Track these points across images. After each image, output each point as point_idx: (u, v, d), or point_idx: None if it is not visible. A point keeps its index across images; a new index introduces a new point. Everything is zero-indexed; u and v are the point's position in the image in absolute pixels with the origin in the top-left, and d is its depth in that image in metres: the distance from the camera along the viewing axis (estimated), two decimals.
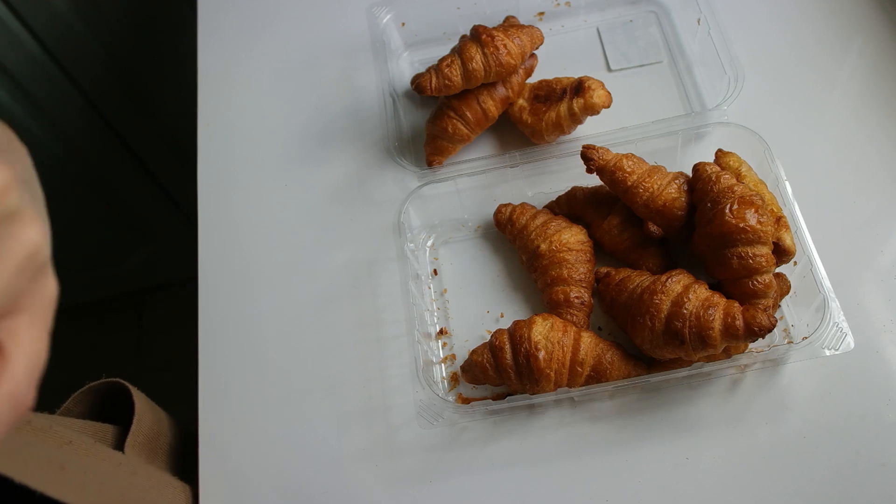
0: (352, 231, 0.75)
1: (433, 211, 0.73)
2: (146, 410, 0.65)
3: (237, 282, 0.75)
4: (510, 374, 0.61)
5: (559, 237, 0.66)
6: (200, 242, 0.77)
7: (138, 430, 0.62)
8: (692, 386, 0.63)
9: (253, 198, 0.79)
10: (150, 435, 0.64)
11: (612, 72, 0.79)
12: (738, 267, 0.58)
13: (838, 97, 0.74)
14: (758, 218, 0.58)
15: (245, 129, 0.82)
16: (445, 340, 0.69)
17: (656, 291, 0.59)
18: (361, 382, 0.68)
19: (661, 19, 0.82)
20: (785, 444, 0.60)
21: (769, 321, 0.56)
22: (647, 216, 0.65)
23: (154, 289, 1.76)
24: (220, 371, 0.70)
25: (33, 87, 1.15)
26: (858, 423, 0.60)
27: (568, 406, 0.64)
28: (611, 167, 0.64)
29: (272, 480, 0.65)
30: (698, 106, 0.75)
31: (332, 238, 0.75)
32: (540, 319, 0.62)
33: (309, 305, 0.73)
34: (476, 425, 0.64)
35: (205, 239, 0.77)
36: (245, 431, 0.68)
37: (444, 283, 0.72)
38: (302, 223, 0.77)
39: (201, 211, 0.79)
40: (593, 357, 0.61)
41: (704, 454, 0.61)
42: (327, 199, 0.77)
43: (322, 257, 0.74)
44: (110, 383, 0.65)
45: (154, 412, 0.67)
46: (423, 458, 0.64)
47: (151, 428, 0.65)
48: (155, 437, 0.65)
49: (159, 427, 0.66)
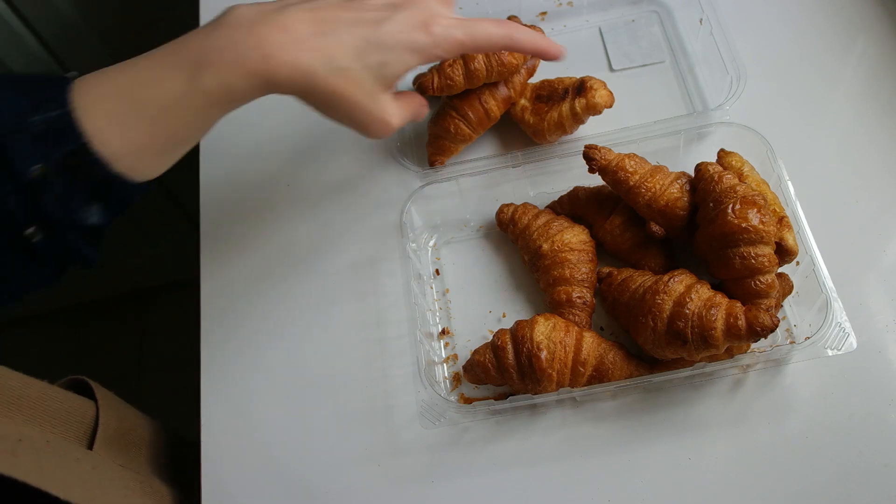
0: (354, 231, 0.75)
1: (435, 211, 0.73)
2: (111, 405, 0.64)
3: (239, 283, 0.75)
4: (512, 374, 0.61)
5: (561, 237, 0.66)
6: (202, 243, 0.77)
7: (106, 424, 0.62)
8: (694, 386, 0.63)
9: (255, 198, 0.79)
10: (118, 430, 0.64)
11: (614, 71, 0.79)
12: (740, 267, 0.58)
13: (841, 97, 0.74)
14: (760, 218, 0.57)
15: (247, 129, 0.82)
16: (447, 340, 0.69)
17: (658, 291, 0.59)
18: (364, 382, 0.68)
19: (663, 19, 0.82)
20: (787, 444, 0.60)
21: (772, 321, 0.56)
22: (649, 216, 0.65)
23: (156, 290, 1.76)
24: (221, 372, 0.71)
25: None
26: (861, 423, 0.60)
27: (570, 406, 0.64)
28: (613, 167, 0.64)
29: (273, 480, 0.65)
30: (700, 106, 0.75)
31: (333, 238, 0.75)
32: (542, 319, 0.62)
33: (311, 305, 0.73)
34: (478, 425, 0.64)
35: (206, 240, 0.77)
36: (247, 432, 0.68)
37: (447, 283, 0.72)
38: (304, 223, 0.77)
39: (203, 212, 0.79)
40: (595, 357, 0.61)
41: (707, 454, 0.61)
42: (329, 199, 0.77)
43: (324, 257, 0.74)
44: (74, 381, 0.64)
45: (120, 408, 0.66)
46: (425, 458, 0.64)
47: (119, 423, 0.64)
48: (123, 432, 0.64)
49: (127, 423, 0.65)
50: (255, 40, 0.52)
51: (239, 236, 0.77)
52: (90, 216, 0.52)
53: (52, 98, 0.50)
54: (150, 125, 0.51)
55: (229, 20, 0.53)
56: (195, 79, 0.51)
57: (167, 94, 0.51)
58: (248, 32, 0.52)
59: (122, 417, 0.65)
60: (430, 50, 0.56)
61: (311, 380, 0.69)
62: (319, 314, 0.72)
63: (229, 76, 0.51)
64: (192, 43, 0.53)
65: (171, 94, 0.51)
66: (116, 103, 0.51)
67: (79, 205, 0.51)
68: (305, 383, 0.69)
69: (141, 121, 0.51)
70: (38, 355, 1.72)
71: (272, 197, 0.78)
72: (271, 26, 0.52)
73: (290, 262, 0.75)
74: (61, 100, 0.49)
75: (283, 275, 0.74)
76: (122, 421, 0.65)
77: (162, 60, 0.52)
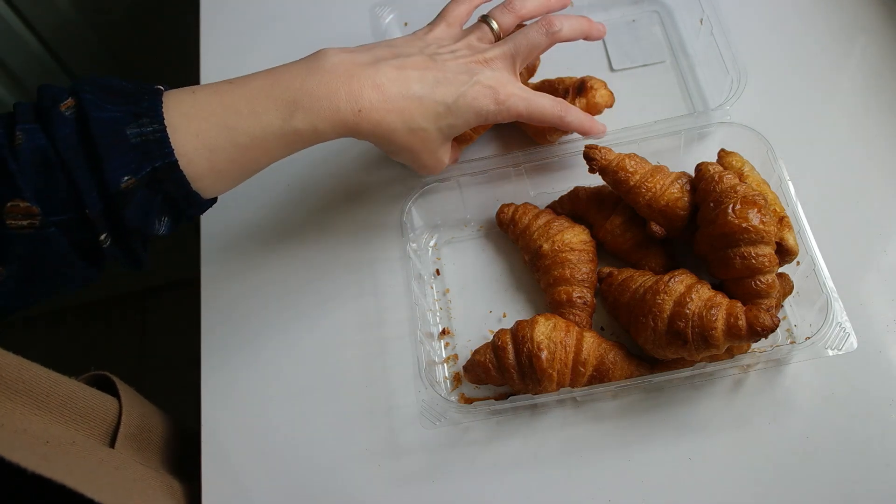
0: (354, 230, 0.75)
1: (436, 211, 0.73)
2: (133, 403, 0.65)
3: (239, 282, 0.75)
4: (512, 373, 0.61)
5: (561, 237, 0.66)
6: (203, 243, 0.77)
7: (128, 422, 0.62)
8: (695, 386, 0.63)
9: (254, 197, 0.79)
10: (140, 427, 0.64)
11: (614, 71, 0.79)
12: (740, 267, 0.58)
13: (842, 96, 0.74)
14: (760, 218, 0.57)
15: None
16: (448, 340, 0.69)
17: (659, 291, 0.59)
18: (364, 382, 0.68)
19: (664, 19, 0.82)
20: (789, 444, 0.60)
21: (772, 321, 0.56)
22: (649, 216, 0.65)
23: (157, 289, 1.76)
24: (222, 371, 0.71)
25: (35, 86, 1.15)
26: (862, 423, 0.60)
27: (571, 406, 0.64)
28: (613, 167, 0.64)
29: (274, 479, 0.65)
30: (701, 106, 0.75)
31: (334, 237, 0.75)
32: (542, 319, 0.62)
33: (311, 304, 0.73)
34: (479, 425, 0.64)
35: (207, 239, 0.77)
36: (247, 431, 0.68)
37: (447, 283, 0.72)
38: (304, 222, 0.77)
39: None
40: (596, 357, 0.61)
41: (708, 454, 0.61)
42: (330, 199, 0.77)
43: (324, 256, 0.74)
44: (96, 376, 0.65)
45: (142, 405, 0.67)
46: (425, 458, 0.64)
47: (141, 421, 0.65)
48: (143, 430, 0.65)
49: (148, 420, 0.66)
50: (351, 94, 0.57)
51: (239, 236, 0.77)
52: (160, 227, 0.55)
53: (145, 111, 0.52)
54: (237, 153, 0.55)
55: (326, 66, 0.58)
56: (290, 118, 0.56)
57: (260, 128, 0.55)
58: (345, 84, 0.58)
59: (144, 415, 0.66)
60: (493, 117, 0.63)
61: (311, 379, 0.69)
62: (319, 313, 0.72)
63: (321, 122, 0.57)
64: (289, 82, 0.57)
65: (265, 128, 0.56)
66: (207, 126, 0.54)
67: (153, 217, 0.54)
68: (306, 382, 0.69)
69: (229, 148, 0.55)
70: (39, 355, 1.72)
71: (272, 197, 0.78)
72: (365, 82, 0.58)
73: (289, 262, 0.75)
74: (155, 114, 0.52)
75: (282, 275, 0.74)
76: (144, 418, 0.65)
77: (258, 93, 0.56)
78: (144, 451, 0.64)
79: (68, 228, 0.51)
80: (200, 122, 0.54)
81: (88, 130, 0.50)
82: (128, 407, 0.63)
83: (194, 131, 0.53)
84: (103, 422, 0.61)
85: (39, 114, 0.51)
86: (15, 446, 0.48)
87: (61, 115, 0.50)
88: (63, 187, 0.49)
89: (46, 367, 0.57)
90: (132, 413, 0.64)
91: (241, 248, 0.77)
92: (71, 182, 0.49)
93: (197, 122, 0.54)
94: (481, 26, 0.67)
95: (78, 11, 1.15)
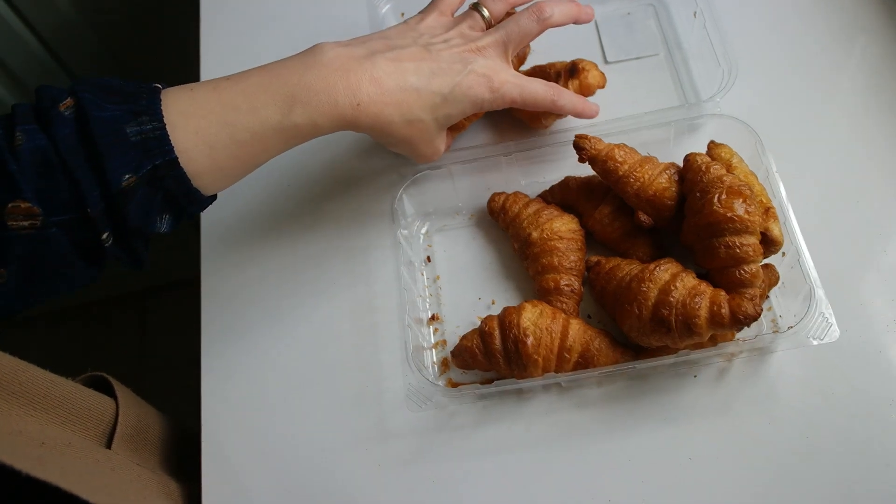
0: (346, 218, 0.76)
1: (427, 199, 0.73)
2: (130, 404, 0.65)
3: (239, 281, 0.75)
4: (499, 359, 0.62)
5: (551, 225, 0.67)
6: (203, 242, 0.78)
7: (125, 423, 0.63)
8: (679, 374, 0.63)
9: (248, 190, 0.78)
10: (136, 428, 0.64)
11: (608, 64, 0.80)
12: (725, 256, 0.59)
13: (841, 96, 0.74)
14: (745, 208, 0.58)
15: None
16: (437, 326, 0.70)
17: (644, 279, 0.60)
18: (356, 369, 0.69)
19: (658, 12, 0.82)
20: (788, 444, 0.60)
21: (754, 310, 0.56)
22: (637, 206, 0.65)
23: (156, 289, 1.77)
24: (222, 370, 0.71)
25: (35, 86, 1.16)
26: (862, 423, 0.60)
27: (556, 392, 0.65)
28: (602, 156, 0.65)
29: (275, 479, 0.66)
30: (693, 98, 0.76)
31: (327, 226, 0.76)
32: (529, 306, 0.62)
33: (307, 294, 0.73)
34: (465, 410, 0.65)
35: (207, 239, 0.78)
36: (247, 429, 0.68)
37: (437, 270, 0.72)
38: (298, 212, 0.77)
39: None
40: (581, 344, 0.62)
41: (691, 441, 0.61)
42: (322, 187, 0.78)
43: (317, 245, 0.75)
44: (93, 377, 0.65)
45: (139, 406, 0.67)
46: (412, 442, 0.65)
47: (137, 421, 0.65)
48: (140, 430, 0.65)
49: (144, 421, 0.66)
50: (349, 88, 0.58)
51: (235, 229, 0.78)
52: (161, 225, 0.56)
53: (145, 110, 0.52)
54: (236, 149, 0.56)
55: (323, 60, 0.58)
56: (288, 113, 0.57)
57: (259, 123, 0.56)
58: (343, 78, 0.58)
59: (140, 415, 0.66)
60: (488, 105, 0.64)
61: (306, 367, 0.70)
62: (314, 303, 0.73)
63: (320, 116, 0.58)
64: (287, 77, 0.57)
65: (264, 124, 0.56)
66: (206, 123, 0.54)
67: (155, 215, 0.55)
68: (303, 373, 0.69)
69: (229, 144, 0.55)
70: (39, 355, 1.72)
71: (266, 188, 0.79)
72: (362, 76, 0.59)
73: (285, 253, 0.75)
74: (154, 112, 0.52)
75: (279, 265, 0.75)
76: (140, 419, 0.65)
77: (257, 89, 0.56)
78: (141, 451, 0.65)
79: (70, 228, 0.51)
80: (199, 120, 0.54)
81: (88, 130, 0.50)
82: (124, 408, 0.63)
83: (193, 128, 0.54)
84: (100, 423, 0.61)
85: (39, 114, 0.51)
86: (10, 448, 0.48)
87: (61, 115, 0.50)
88: (64, 187, 0.50)
89: (46, 367, 0.57)
90: (129, 414, 0.64)
91: (237, 241, 0.77)
92: (72, 182, 0.50)
93: (196, 119, 0.54)
94: (473, 14, 0.67)
95: (78, 11, 1.15)
